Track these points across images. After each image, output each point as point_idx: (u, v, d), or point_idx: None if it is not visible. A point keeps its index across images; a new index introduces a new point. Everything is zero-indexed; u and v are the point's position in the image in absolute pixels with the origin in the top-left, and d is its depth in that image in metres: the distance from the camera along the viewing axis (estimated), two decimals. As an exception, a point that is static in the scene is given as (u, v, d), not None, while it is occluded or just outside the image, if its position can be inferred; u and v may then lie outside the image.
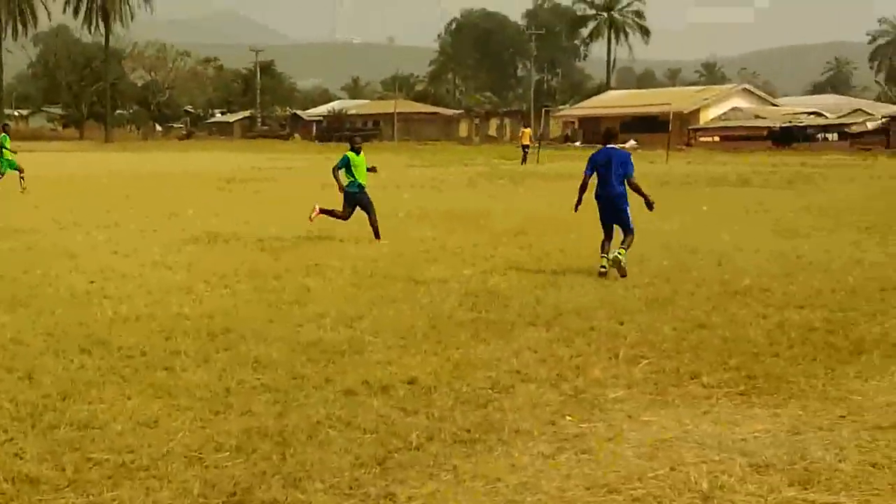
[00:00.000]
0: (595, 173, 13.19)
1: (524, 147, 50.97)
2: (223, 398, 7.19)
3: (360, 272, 13.03)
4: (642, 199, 13.13)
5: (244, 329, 9.40)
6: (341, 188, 16.97)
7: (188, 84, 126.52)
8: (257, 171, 40.28)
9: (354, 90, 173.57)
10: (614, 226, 13.14)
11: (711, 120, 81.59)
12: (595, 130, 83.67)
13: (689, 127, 79.97)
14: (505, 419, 6.76)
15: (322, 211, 17.04)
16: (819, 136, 73.08)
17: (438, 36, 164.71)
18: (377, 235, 16.64)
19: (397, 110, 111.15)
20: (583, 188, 13.38)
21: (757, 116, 78.64)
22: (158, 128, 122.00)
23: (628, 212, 13.10)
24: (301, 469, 5.80)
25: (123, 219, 19.64)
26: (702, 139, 76.16)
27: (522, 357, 8.47)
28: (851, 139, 70.28)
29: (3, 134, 27.51)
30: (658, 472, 5.83)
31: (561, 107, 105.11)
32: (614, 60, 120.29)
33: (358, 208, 17.13)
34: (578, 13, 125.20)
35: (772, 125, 74.54)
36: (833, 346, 8.84)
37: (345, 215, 17.22)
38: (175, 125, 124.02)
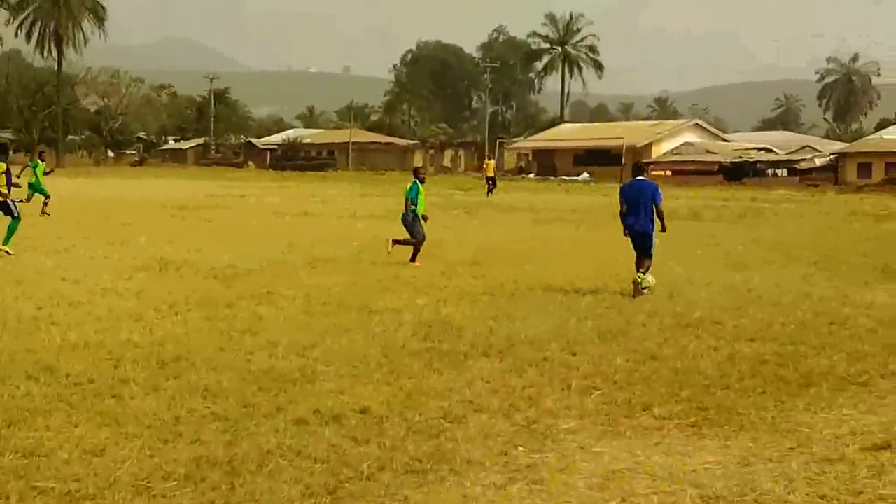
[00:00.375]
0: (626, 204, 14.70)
1: (489, 179, 50.09)
2: (172, 426, 7.11)
3: (314, 300, 12.97)
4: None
5: (195, 357, 9.30)
6: (414, 213, 18.18)
7: (141, 110, 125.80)
8: (211, 198, 40.02)
9: (309, 119, 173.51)
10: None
11: (664, 154, 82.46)
12: (548, 163, 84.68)
13: (642, 161, 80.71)
14: (457, 449, 6.74)
15: (395, 242, 17.39)
16: (769, 171, 74.29)
17: (394, 66, 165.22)
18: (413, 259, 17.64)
19: (352, 140, 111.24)
20: (623, 216, 14.89)
21: (708, 151, 79.63)
22: (111, 154, 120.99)
23: (653, 239, 14.55)
24: (251, 499, 5.75)
25: (73, 245, 19.40)
26: (654, 173, 76.47)
27: (475, 387, 8.46)
28: (801, 175, 71.48)
29: (37, 160, 29.38)
30: (609, 503, 5.85)
31: (515, 139, 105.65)
32: (568, 94, 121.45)
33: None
34: (533, 47, 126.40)
35: (723, 160, 75.55)
36: (783, 379, 8.93)
37: (420, 239, 17.95)
38: (128, 151, 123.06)
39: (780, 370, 9.29)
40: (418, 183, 18.83)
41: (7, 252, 17.49)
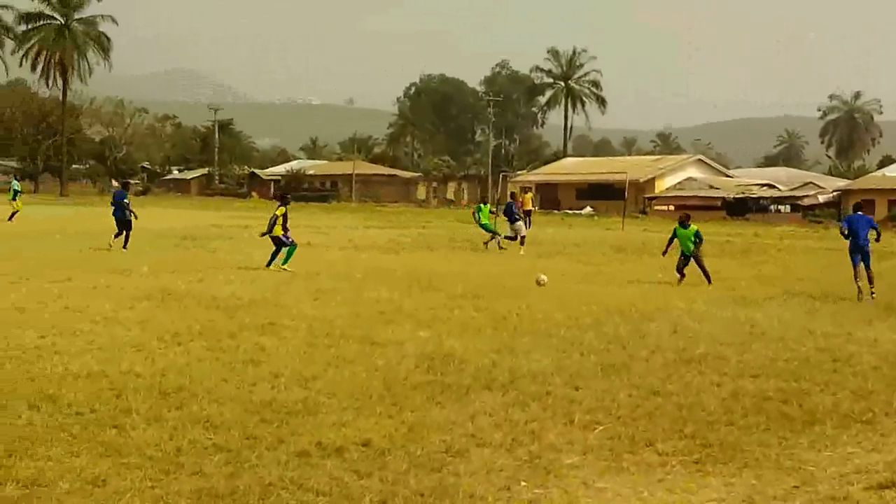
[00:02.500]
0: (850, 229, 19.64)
1: (527, 212, 45.53)
2: (174, 458, 7.08)
3: (316, 332, 12.95)
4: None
5: (197, 388, 9.29)
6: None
7: (146, 140, 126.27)
8: (214, 228, 40.11)
9: (313, 150, 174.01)
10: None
11: (666, 189, 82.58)
12: (551, 197, 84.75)
13: (645, 195, 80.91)
14: (459, 483, 6.71)
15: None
16: (772, 207, 74.38)
17: (398, 99, 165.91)
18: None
19: (356, 171, 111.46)
20: (845, 236, 19.80)
21: (711, 187, 79.72)
22: (115, 183, 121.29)
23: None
24: (252, 532, 5.72)
25: (76, 274, 19.39)
26: (657, 207, 76.96)
27: (478, 421, 8.43)
28: (804, 211, 71.52)
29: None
30: (613, 539, 5.80)
31: (518, 172, 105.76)
32: (571, 128, 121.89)
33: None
34: (536, 81, 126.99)
35: (726, 195, 75.64)
36: (787, 416, 8.89)
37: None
38: (132, 181, 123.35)
39: (783, 407, 9.26)
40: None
41: (285, 269, 21.39)
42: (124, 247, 26.76)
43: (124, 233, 27.59)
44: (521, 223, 31.77)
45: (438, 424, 8.28)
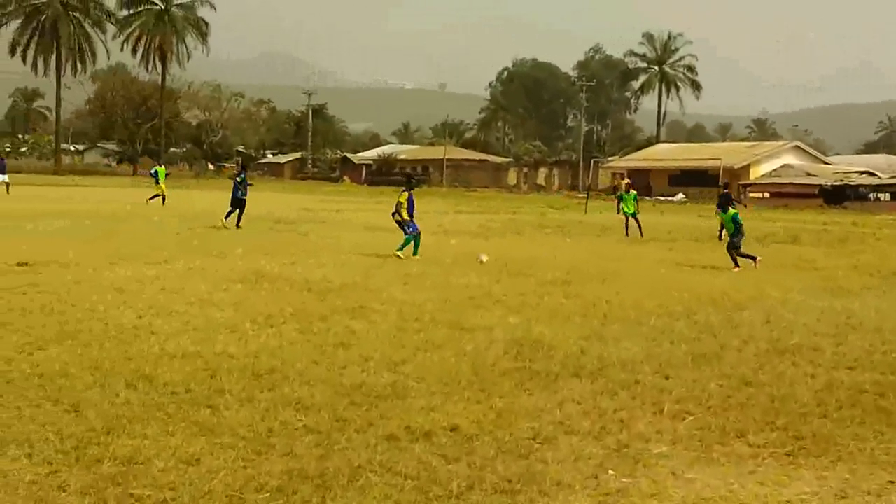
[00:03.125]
0: None
1: (620, 199, 48.26)
2: (265, 438, 7.20)
3: (406, 316, 13.03)
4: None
5: (288, 370, 9.42)
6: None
7: (241, 124, 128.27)
8: (307, 212, 40.53)
9: (404, 135, 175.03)
10: None
11: (762, 176, 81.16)
12: (643, 183, 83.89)
13: (739, 182, 79.60)
14: (547, 471, 6.70)
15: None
16: (871, 195, 72.50)
17: (490, 84, 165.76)
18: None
19: (447, 156, 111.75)
20: None
21: (808, 174, 78.10)
22: (211, 166, 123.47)
23: None
24: (341, 513, 5.79)
25: (172, 256, 19.80)
26: (752, 195, 75.70)
27: (566, 408, 8.41)
28: (905, 200, 69.60)
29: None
30: (702, 531, 5.75)
31: (610, 158, 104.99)
32: (665, 113, 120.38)
33: None
34: (630, 66, 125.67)
35: (823, 183, 73.99)
36: (883, 410, 8.68)
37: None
38: (227, 164, 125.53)
39: (880, 400, 9.04)
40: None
41: (405, 257, 21.06)
42: (237, 225, 28.98)
43: (237, 211, 29.30)
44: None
45: (526, 411, 8.28)
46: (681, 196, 78.15)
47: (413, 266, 19.51)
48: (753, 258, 21.34)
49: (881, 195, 72.62)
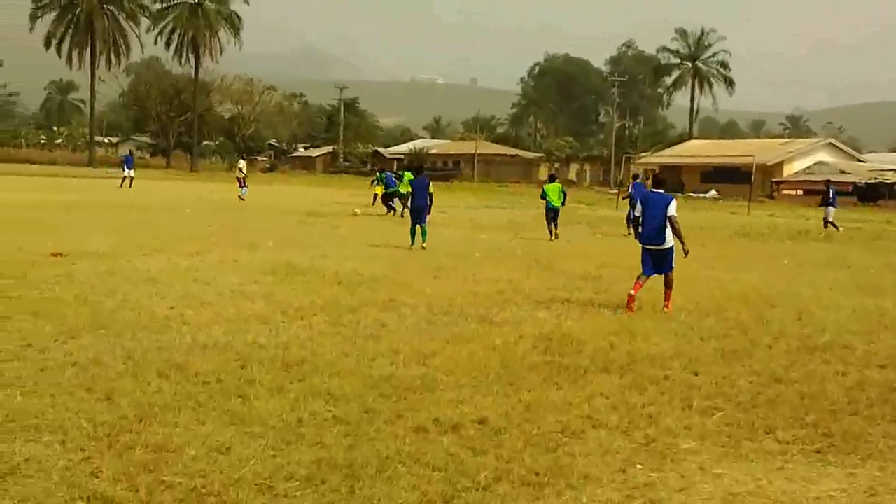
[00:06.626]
0: None
1: None
2: (295, 428, 7.25)
3: (435, 310, 13.06)
4: None
5: (318, 361, 9.48)
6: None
7: (273, 118, 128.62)
8: (338, 205, 40.68)
9: (436, 130, 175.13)
10: None
11: (795, 173, 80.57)
12: (675, 179, 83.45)
13: (772, 179, 79.10)
14: (574, 464, 6.71)
15: None
16: (906, 193, 71.71)
17: (521, 79, 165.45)
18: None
19: (478, 151, 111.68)
20: None
21: (842, 171, 77.38)
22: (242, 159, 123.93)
23: None
24: (369, 503, 5.82)
25: (205, 248, 19.94)
26: (785, 192, 75.18)
27: (594, 403, 8.41)
28: (941, 198, 68.79)
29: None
30: (729, 526, 5.74)
31: (642, 154, 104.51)
32: (697, 110, 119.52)
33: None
34: (662, 62, 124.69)
35: (857, 180, 73.30)
36: (915, 408, 8.63)
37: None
38: (259, 158, 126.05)
39: (912, 398, 8.99)
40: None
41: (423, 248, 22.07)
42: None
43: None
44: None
45: (555, 405, 8.29)
46: (713, 193, 77.74)
47: (443, 260, 19.54)
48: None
49: (917, 193, 71.84)
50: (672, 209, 13.73)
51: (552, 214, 27.58)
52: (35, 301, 12.45)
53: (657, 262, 13.99)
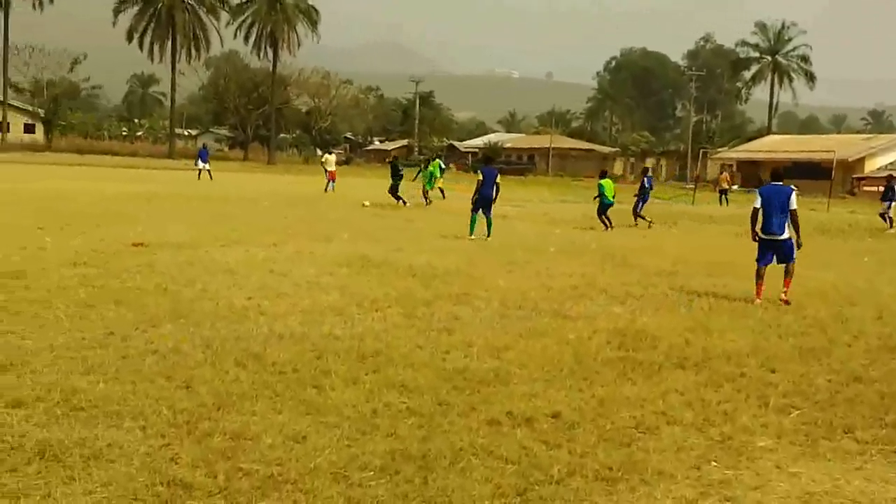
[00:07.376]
0: None
1: (722, 191, 52.92)
2: (370, 419, 7.32)
3: (509, 304, 13.07)
4: None
5: (393, 353, 9.55)
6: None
7: (349, 111, 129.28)
8: (411, 198, 40.80)
9: (510, 124, 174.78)
10: None
11: (878, 169, 78.88)
12: (753, 175, 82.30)
13: (853, 175, 77.59)
14: (648, 460, 6.69)
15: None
16: None
17: (597, 73, 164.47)
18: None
19: (553, 145, 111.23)
20: None
21: (926, 167, 75.64)
22: (319, 152, 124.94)
23: None
24: (442, 494, 5.87)
25: (281, 240, 20.16)
26: (866, 188, 73.66)
27: (669, 399, 8.36)
28: None
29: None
30: (805, 525, 5.68)
31: (719, 149, 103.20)
32: (777, 104, 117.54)
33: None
34: (741, 56, 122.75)
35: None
36: None
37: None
38: (335, 151, 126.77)
39: None
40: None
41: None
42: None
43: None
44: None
45: (629, 400, 8.26)
46: (792, 188, 76.43)
47: (517, 254, 19.52)
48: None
49: None
50: (794, 202, 14.43)
51: (605, 209, 28.86)
52: (117, 290, 12.72)
53: (777, 252, 14.59)
